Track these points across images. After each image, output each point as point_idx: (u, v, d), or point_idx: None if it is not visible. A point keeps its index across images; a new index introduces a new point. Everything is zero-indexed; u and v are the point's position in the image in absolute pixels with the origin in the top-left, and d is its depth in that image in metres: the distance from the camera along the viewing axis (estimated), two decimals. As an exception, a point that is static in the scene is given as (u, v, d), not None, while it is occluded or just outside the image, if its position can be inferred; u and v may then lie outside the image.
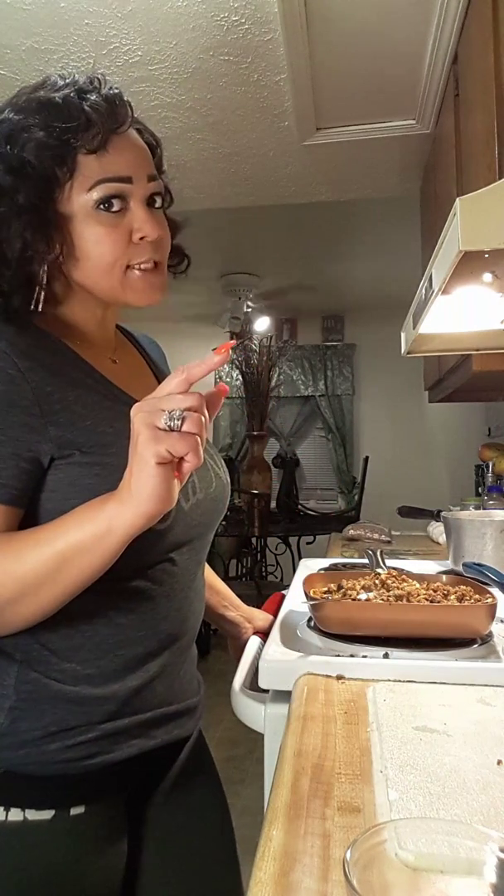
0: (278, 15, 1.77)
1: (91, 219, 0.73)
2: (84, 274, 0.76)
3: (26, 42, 1.89)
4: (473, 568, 1.16)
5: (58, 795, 0.70)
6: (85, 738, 0.72)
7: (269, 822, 0.50)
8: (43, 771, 0.70)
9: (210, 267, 4.36)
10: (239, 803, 2.42)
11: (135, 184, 0.74)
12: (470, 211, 0.87)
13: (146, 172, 0.75)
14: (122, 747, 0.74)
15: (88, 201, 0.72)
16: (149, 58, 1.96)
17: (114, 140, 0.72)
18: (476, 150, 1.53)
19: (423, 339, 1.51)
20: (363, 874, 0.36)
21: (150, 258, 0.76)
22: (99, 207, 0.73)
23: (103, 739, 0.73)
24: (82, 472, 0.71)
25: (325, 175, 2.68)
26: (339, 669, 0.81)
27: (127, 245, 0.74)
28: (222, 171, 2.65)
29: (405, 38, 1.86)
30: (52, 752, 0.70)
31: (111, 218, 0.73)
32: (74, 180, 0.72)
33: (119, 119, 0.73)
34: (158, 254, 0.77)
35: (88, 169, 0.72)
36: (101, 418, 0.74)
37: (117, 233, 0.73)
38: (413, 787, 0.54)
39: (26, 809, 0.69)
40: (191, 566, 0.83)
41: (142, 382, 0.88)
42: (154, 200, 0.77)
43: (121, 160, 0.73)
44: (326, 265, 4.32)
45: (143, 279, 0.76)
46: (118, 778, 0.76)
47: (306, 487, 5.58)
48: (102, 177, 0.72)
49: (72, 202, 0.73)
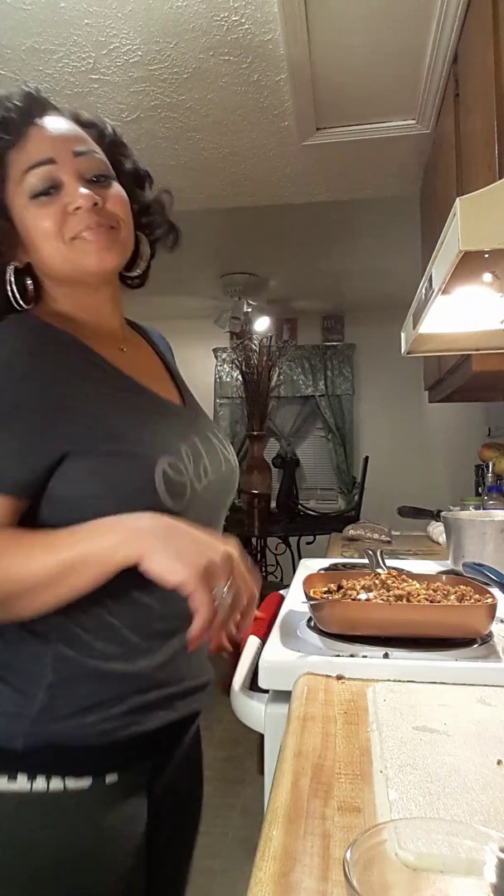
0: (278, 15, 1.77)
1: (30, 208, 0.78)
2: (42, 261, 0.81)
3: (26, 42, 1.89)
4: (473, 568, 1.17)
5: (94, 765, 0.74)
6: (118, 711, 0.75)
7: (269, 822, 0.50)
8: (80, 742, 0.73)
9: (210, 267, 4.36)
10: (239, 803, 2.43)
11: (59, 163, 0.78)
12: (470, 211, 0.87)
13: (71, 149, 0.79)
14: (150, 718, 0.77)
15: (24, 192, 0.78)
16: (149, 58, 1.96)
17: (31, 131, 0.79)
18: (476, 150, 1.53)
19: (423, 339, 1.51)
20: (363, 874, 0.36)
21: (89, 224, 0.78)
22: (33, 197, 0.78)
23: (134, 712, 0.76)
24: (98, 462, 0.73)
25: (325, 175, 2.68)
26: (339, 669, 0.81)
27: (63, 218, 0.78)
28: (222, 171, 2.65)
29: (405, 38, 1.86)
30: (88, 724, 0.73)
31: (45, 201, 0.78)
32: (8, 178, 0.79)
33: (33, 113, 0.80)
34: (102, 218, 0.79)
35: (15, 163, 0.79)
36: (112, 410, 0.77)
37: (52, 210, 0.78)
38: (413, 787, 0.54)
39: (66, 778, 0.72)
40: None
41: (152, 371, 0.91)
42: (96, 176, 0.81)
43: (40, 146, 0.79)
44: (326, 265, 4.32)
45: (90, 243, 0.78)
46: (145, 748, 0.79)
47: (306, 487, 5.58)
48: (26, 165, 0.78)
49: (13, 197, 0.79)
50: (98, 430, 0.74)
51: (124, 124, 2.31)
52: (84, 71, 2.02)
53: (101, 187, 0.81)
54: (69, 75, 2.04)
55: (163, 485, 0.73)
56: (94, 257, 0.79)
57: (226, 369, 5.68)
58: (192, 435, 0.84)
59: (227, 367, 5.63)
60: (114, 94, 2.14)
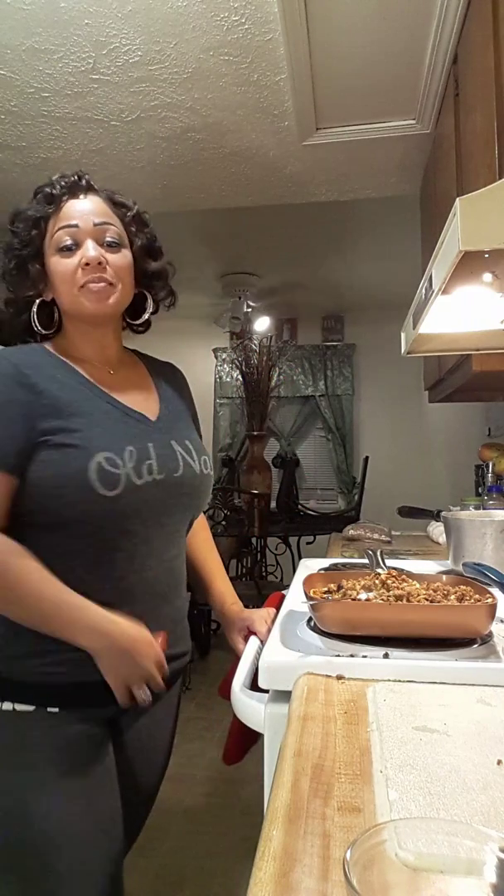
0: (278, 15, 1.77)
1: (56, 256, 1.04)
2: (59, 299, 1.06)
3: (26, 42, 1.90)
4: (473, 568, 1.16)
5: (36, 697, 0.96)
6: (57, 660, 0.96)
7: (269, 822, 0.50)
8: (25, 679, 0.97)
9: (210, 267, 4.36)
10: (239, 803, 2.43)
11: (80, 227, 1.03)
12: (470, 211, 0.87)
13: (93, 220, 1.04)
14: (88, 673, 0.95)
15: (54, 245, 1.04)
16: (149, 58, 1.96)
17: (69, 203, 1.05)
18: (476, 150, 1.53)
19: (423, 339, 1.51)
20: (363, 874, 0.36)
21: (93, 278, 1.02)
22: (59, 249, 1.03)
23: (71, 664, 0.95)
24: (54, 452, 0.95)
25: (325, 175, 2.68)
26: (339, 669, 0.81)
27: (76, 270, 1.02)
28: (222, 171, 2.65)
29: (405, 38, 1.86)
30: (32, 665, 0.96)
31: (66, 254, 1.03)
32: (47, 232, 1.05)
33: (73, 192, 1.06)
34: (105, 274, 1.03)
35: (53, 223, 1.05)
36: (80, 409, 0.99)
37: (70, 262, 1.03)
38: (413, 787, 0.54)
39: (15, 703, 0.96)
40: (154, 539, 1.03)
41: (135, 391, 1.11)
42: (109, 242, 1.05)
43: (71, 213, 1.04)
44: (326, 265, 4.32)
45: (92, 293, 1.02)
46: (95, 696, 0.97)
47: (306, 487, 5.58)
48: (58, 226, 1.04)
49: (48, 248, 1.05)
50: (62, 428, 0.96)
51: (124, 124, 2.31)
52: (84, 71, 2.02)
53: (111, 251, 1.04)
54: (69, 75, 2.04)
55: (95, 474, 0.93)
56: (93, 305, 1.03)
57: (226, 369, 5.67)
58: (146, 441, 1.03)
59: (227, 367, 5.63)
60: (114, 94, 2.14)
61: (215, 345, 5.66)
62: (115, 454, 0.96)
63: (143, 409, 1.09)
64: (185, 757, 2.74)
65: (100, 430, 0.98)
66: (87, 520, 0.95)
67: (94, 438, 0.97)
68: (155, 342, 1.35)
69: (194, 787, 2.55)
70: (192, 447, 1.11)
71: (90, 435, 0.97)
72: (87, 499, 0.93)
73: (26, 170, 2.62)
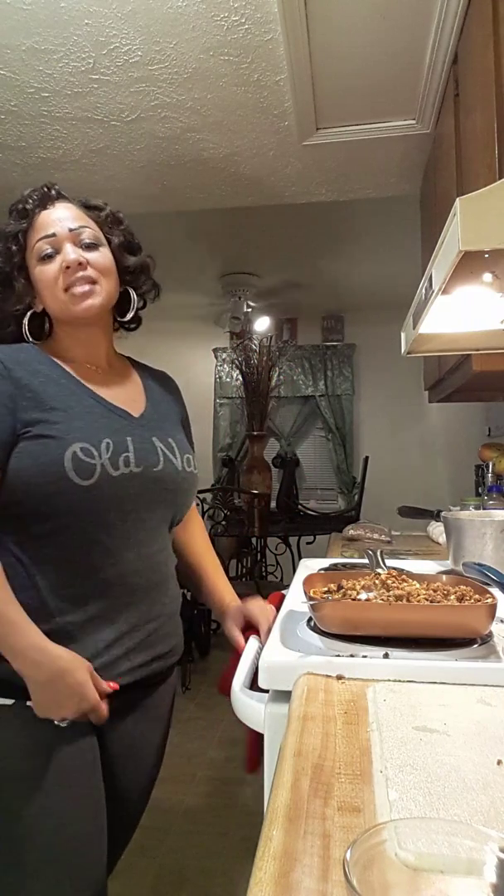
0: (278, 15, 1.77)
1: (38, 266, 1.08)
2: (47, 306, 1.10)
3: (26, 42, 1.89)
4: (473, 568, 1.17)
5: (15, 692, 0.96)
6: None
7: (269, 822, 0.50)
8: (5, 675, 0.95)
9: (210, 267, 4.36)
10: (239, 803, 2.43)
11: (58, 235, 1.07)
12: (470, 211, 0.87)
13: (69, 226, 1.08)
14: None
15: (35, 256, 1.08)
16: (149, 58, 1.96)
17: (43, 214, 1.09)
18: (476, 150, 1.53)
19: (423, 339, 1.51)
20: (363, 874, 0.36)
21: (75, 279, 1.06)
22: (41, 259, 1.07)
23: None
24: (33, 442, 0.98)
25: (325, 175, 2.67)
26: (339, 669, 0.81)
27: (58, 274, 1.06)
28: (222, 171, 2.65)
29: (405, 38, 1.86)
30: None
31: (47, 261, 1.07)
32: (27, 245, 1.09)
33: (44, 203, 1.10)
34: (88, 272, 1.06)
35: (31, 236, 1.09)
36: (62, 403, 1.02)
37: (51, 268, 1.07)
38: (413, 787, 0.54)
39: None
40: (134, 534, 1.04)
41: (120, 389, 1.13)
42: (86, 244, 1.08)
43: (46, 223, 1.08)
44: (326, 265, 4.32)
45: (76, 292, 1.06)
46: None
47: (306, 487, 5.58)
48: (36, 238, 1.08)
49: (29, 261, 1.09)
50: (42, 419, 0.99)
51: (124, 124, 2.31)
52: (84, 71, 2.02)
53: (89, 251, 1.08)
54: (69, 75, 2.04)
55: (70, 463, 0.96)
56: (79, 307, 1.06)
57: (226, 369, 5.67)
58: (125, 435, 1.05)
59: (227, 367, 5.63)
60: (114, 94, 2.14)
61: (215, 345, 5.66)
62: (92, 445, 0.99)
63: (128, 406, 1.11)
64: (185, 757, 2.74)
65: (80, 423, 1.01)
66: (64, 510, 0.97)
67: (73, 430, 0.99)
68: (155, 342, 1.36)
69: (194, 787, 2.56)
70: (175, 445, 1.13)
71: (69, 427, 0.99)
72: (63, 489, 0.96)
73: (26, 170, 2.62)
